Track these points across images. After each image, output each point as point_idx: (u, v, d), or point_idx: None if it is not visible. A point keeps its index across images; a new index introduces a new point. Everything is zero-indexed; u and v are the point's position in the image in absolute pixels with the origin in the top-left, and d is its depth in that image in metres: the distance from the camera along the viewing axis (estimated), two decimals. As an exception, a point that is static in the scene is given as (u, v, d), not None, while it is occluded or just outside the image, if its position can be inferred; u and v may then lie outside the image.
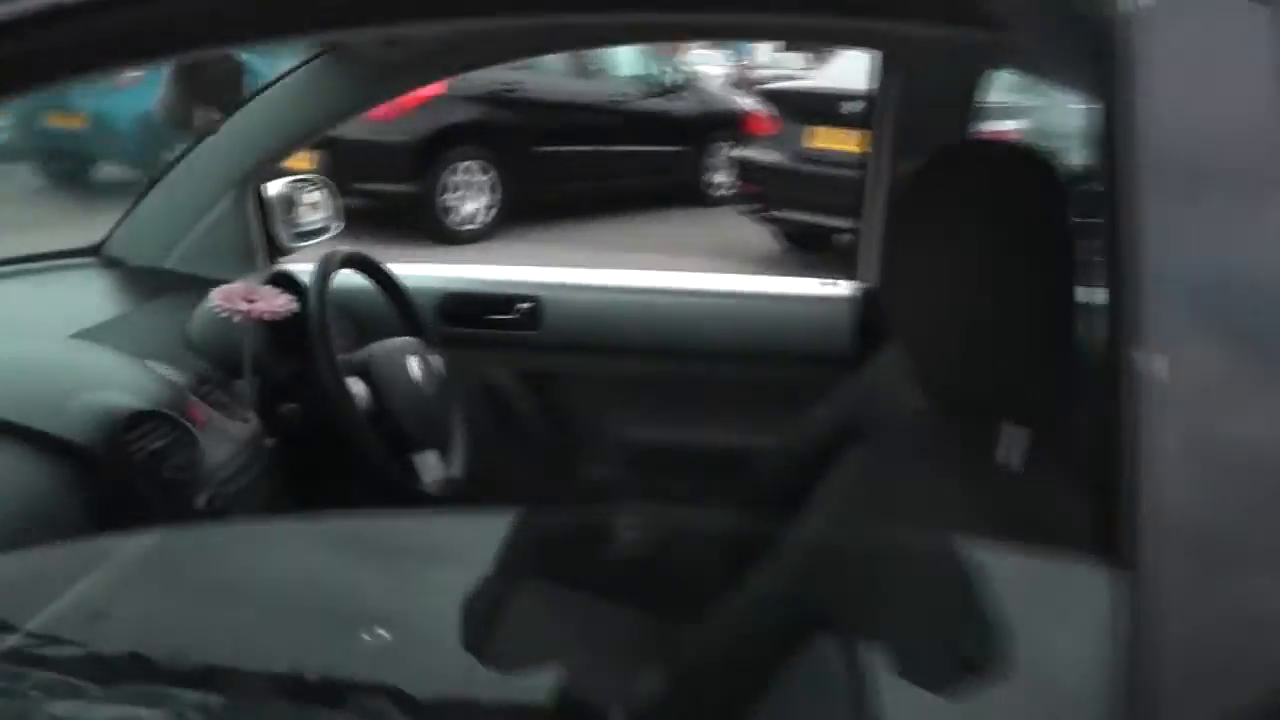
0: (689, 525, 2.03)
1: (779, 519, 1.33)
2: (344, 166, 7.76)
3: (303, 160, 7.71)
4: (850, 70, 6.83)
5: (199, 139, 2.12)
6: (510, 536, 2.04)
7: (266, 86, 2.11)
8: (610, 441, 2.25)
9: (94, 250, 2.20)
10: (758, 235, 7.78)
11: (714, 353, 2.14)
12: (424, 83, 2.50)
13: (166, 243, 2.18)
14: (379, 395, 1.80)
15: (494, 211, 8.27)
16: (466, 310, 2.26)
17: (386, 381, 1.82)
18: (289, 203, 2.29)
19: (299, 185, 2.35)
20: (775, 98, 7.56)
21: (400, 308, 2.02)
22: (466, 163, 8.12)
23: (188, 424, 1.48)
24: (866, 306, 2.08)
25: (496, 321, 2.25)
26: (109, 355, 1.62)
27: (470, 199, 8.16)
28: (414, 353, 1.90)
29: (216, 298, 1.69)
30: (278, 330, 1.82)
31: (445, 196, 8.03)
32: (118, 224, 2.19)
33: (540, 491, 2.28)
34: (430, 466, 1.89)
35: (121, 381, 1.51)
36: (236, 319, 1.68)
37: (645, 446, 2.21)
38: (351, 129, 7.86)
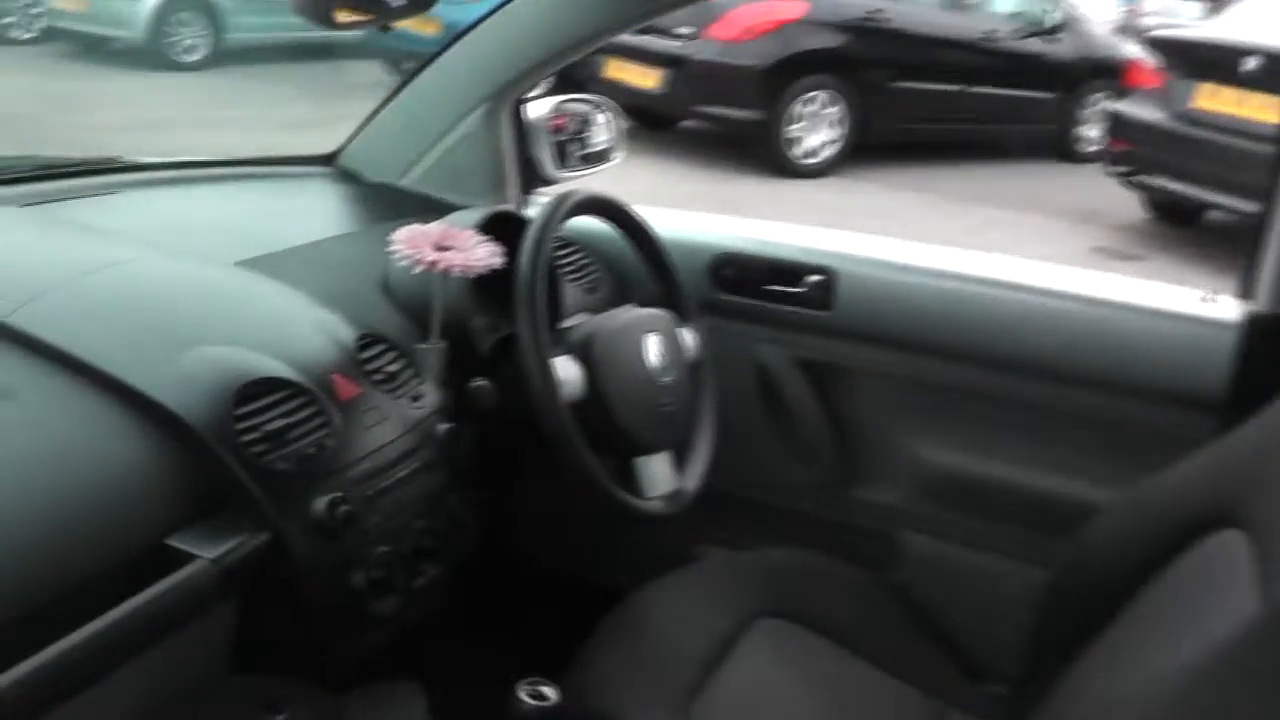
0: (980, 574, 1.70)
1: (1094, 596, 1.13)
2: (687, 87, 7.56)
3: (645, 77, 7.59)
4: (1256, 20, 5.96)
5: (445, 47, 1.80)
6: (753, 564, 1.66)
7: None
8: (901, 459, 1.79)
9: (329, 160, 1.93)
10: (1122, 200, 6.90)
11: (1047, 369, 1.63)
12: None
13: (406, 159, 1.88)
14: (597, 381, 1.42)
15: (837, 147, 7.75)
16: (743, 276, 1.84)
17: (608, 365, 1.44)
18: (559, 125, 1.95)
19: (573, 105, 1.99)
20: (1161, 46, 6.57)
21: (654, 267, 1.63)
22: (817, 93, 7.62)
23: (324, 399, 1.16)
24: (1257, 337, 1.51)
25: (778, 294, 1.82)
26: (268, 295, 1.32)
27: (815, 131, 7.67)
28: (656, 329, 1.51)
29: (399, 239, 1.36)
30: (483, 287, 1.48)
31: (790, 127, 7.58)
32: (355, 133, 1.91)
33: (803, 511, 1.87)
34: (658, 475, 1.51)
35: (260, 333, 1.20)
36: (418, 270, 1.34)
37: (944, 472, 1.76)
38: (700, 48, 7.64)
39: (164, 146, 5.74)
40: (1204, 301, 1.59)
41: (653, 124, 8.21)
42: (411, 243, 1.34)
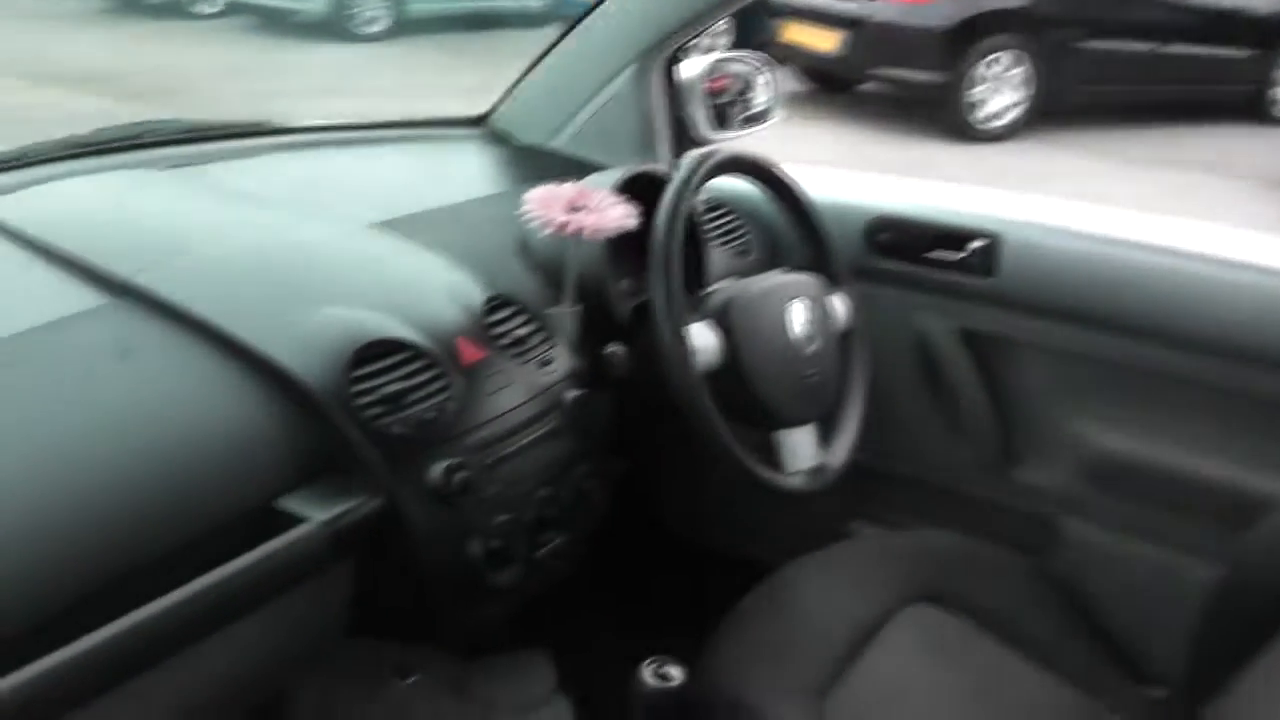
0: (1146, 567, 1.59)
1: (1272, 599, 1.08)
2: (866, 49, 7.37)
3: (823, 40, 7.43)
4: None
5: (594, 7, 1.76)
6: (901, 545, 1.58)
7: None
8: (1065, 440, 1.68)
9: (479, 122, 1.91)
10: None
11: (1229, 347, 1.48)
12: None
13: (556, 121, 1.85)
14: (736, 350, 1.36)
15: (1022, 110, 7.45)
16: (901, 240, 1.75)
17: (748, 333, 1.37)
18: (720, 87, 1.89)
19: (732, 65, 1.92)
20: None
21: (803, 229, 1.56)
22: (1000, 54, 7.34)
23: (446, 362, 1.13)
24: None
25: (938, 260, 1.72)
26: (398, 257, 1.30)
27: (999, 94, 7.39)
28: (802, 295, 1.44)
29: (530, 201, 1.32)
30: (625, 250, 1.43)
31: (972, 90, 7.32)
32: (505, 95, 1.88)
33: (959, 491, 1.78)
34: (801, 449, 1.44)
35: (385, 295, 1.18)
36: (547, 231, 1.30)
37: (1111, 456, 1.63)
38: (879, 9, 7.43)
39: (329, 112, 5.86)
40: None
41: (831, 87, 8.04)
42: (543, 204, 1.30)
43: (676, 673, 1.09)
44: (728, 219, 1.74)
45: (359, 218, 1.40)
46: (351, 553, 1.05)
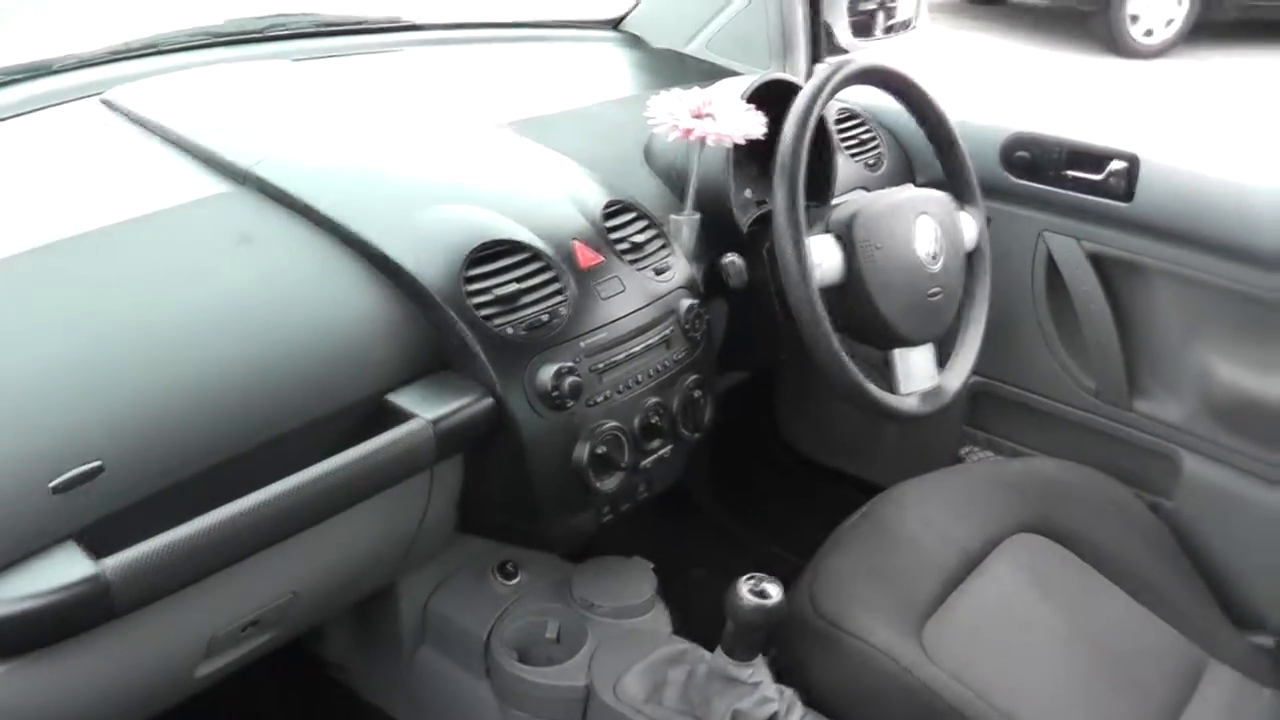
0: (1264, 511, 1.54)
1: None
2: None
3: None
4: None
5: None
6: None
7: None
8: (1192, 373, 1.62)
9: (614, 24, 1.89)
10: None
11: None
12: None
13: (692, 25, 1.82)
14: (857, 264, 1.33)
15: (1179, 26, 7.08)
16: (1037, 160, 1.68)
17: (871, 248, 1.34)
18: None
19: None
20: None
21: (937, 143, 1.50)
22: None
23: (561, 265, 1.12)
24: None
25: (1074, 180, 1.65)
26: (522, 158, 1.30)
27: (1158, 7, 7.02)
28: (929, 211, 1.40)
29: (656, 106, 1.29)
30: (752, 158, 1.40)
31: (1129, 2, 6.96)
32: (639, -2, 1.86)
33: (1079, 421, 1.73)
34: (918, 369, 1.41)
35: (506, 196, 1.18)
36: (672, 138, 1.28)
37: (1238, 393, 1.57)
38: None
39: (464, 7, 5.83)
40: None
41: (984, -1, 7.76)
42: (668, 110, 1.28)
43: (775, 590, 1.08)
44: (860, 130, 1.70)
45: (487, 118, 1.40)
46: (459, 451, 1.06)
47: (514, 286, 1.08)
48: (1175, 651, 1.32)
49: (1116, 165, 1.60)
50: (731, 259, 1.35)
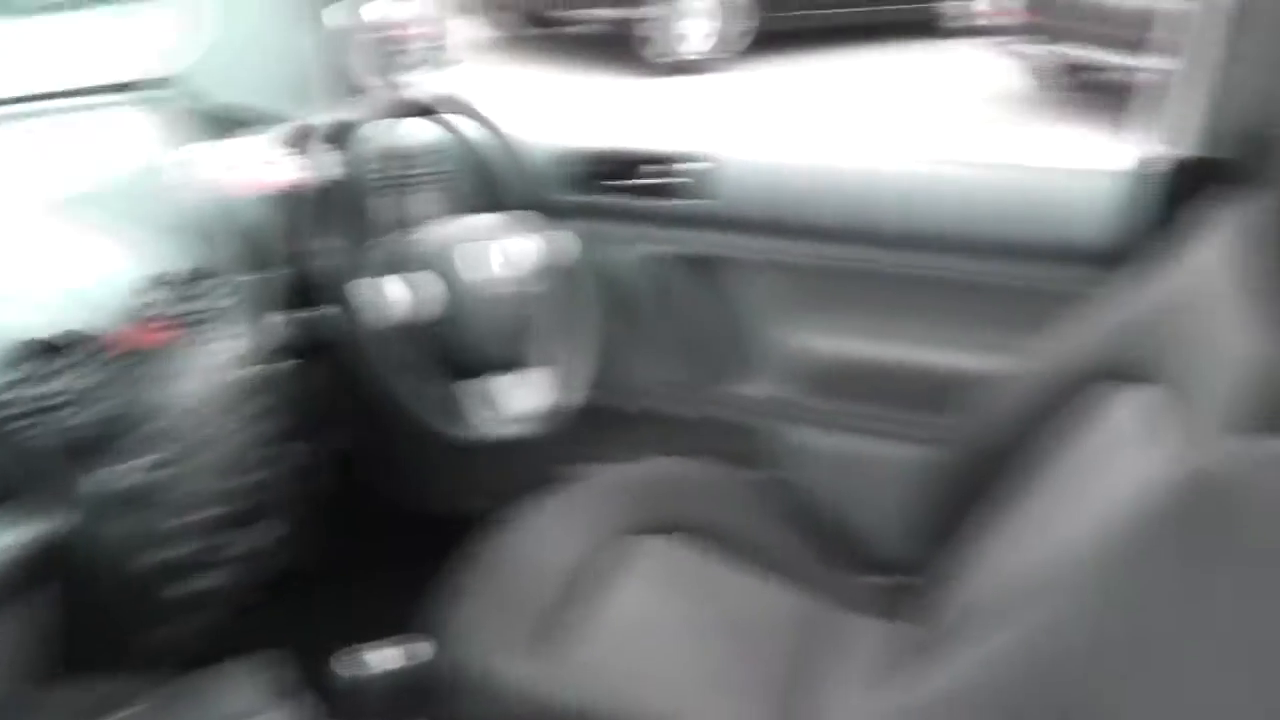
0: (872, 461, 1.63)
1: (995, 471, 1.08)
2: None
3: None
4: None
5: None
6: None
7: None
8: (779, 350, 1.69)
9: (153, 84, 1.74)
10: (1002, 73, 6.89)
11: (927, 239, 1.53)
12: None
13: (247, 74, 1.70)
14: (436, 298, 1.28)
15: (719, 41, 7.50)
16: (612, 172, 1.70)
17: (440, 281, 1.29)
18: (385, 32, 1.78)
19: (399, 9, 1.82)
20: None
21: (502, 169, 1.47)
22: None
23: (105, 356, 0.99)
24: (1148, 184, 1.39)
25: (660, 188, 1.68)
26: (60, 242, 1.15)
27: (701, 24, 7.39)
28: (503, 236, 1.37)
29: (183, 166, 1.19)
30: (316, 204, 1.32)
31: (678, 22, 7.30)
32: (171, 55, 1.71)
33: (678, 416, 1.76)
34: (517, 395, 1.37)
35: (39, 288, 1.03)
36: (207, 195, 1.18)
37: (825, 360, 1.67)
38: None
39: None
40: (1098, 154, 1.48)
41: (537, 24, 7.89)
42: (195, 167, 1.17)
43: (373, 659, 1.00)
44: (435, 161, 1.66)
45: (16, 203, 1.23)
46: (29, 585, 0.91)
47: (48, 389, 0.94)
48: (801, 609, 1.35)
49: (696, 168, 1.65)
50: (318, 313, 1.26)
